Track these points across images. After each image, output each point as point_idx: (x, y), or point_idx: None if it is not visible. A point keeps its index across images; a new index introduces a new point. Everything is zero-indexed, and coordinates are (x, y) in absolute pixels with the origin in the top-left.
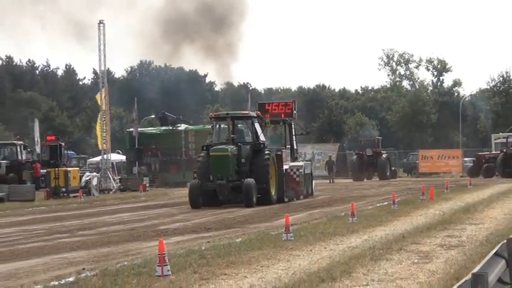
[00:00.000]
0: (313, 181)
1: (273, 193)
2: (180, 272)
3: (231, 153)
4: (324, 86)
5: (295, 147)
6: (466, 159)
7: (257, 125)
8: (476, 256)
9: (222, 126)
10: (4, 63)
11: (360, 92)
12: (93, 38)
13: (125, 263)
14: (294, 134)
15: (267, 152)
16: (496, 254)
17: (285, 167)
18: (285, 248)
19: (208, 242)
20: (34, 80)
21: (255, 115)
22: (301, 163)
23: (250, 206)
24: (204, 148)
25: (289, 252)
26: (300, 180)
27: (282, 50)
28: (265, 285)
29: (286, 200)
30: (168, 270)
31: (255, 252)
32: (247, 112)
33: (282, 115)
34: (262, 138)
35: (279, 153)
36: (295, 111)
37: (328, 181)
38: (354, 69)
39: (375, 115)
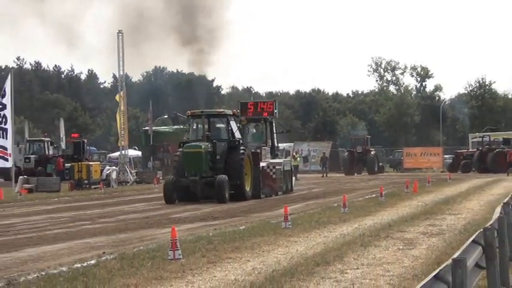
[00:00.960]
0: (293, 177)
1: (247, 189)
2: (190, 256)
3: (205, 150)
4: (319, 90)
5: (276, 144)
6: (446, 156)
7: (233, 123)
8: (455, 243)
9: (198, 124)
10: (33, 68)
11: (351, 95)
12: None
13: (141, 248)
14: (274, 132)
15: (242, 149)
16: (473, 241)
17: (262, 164)
18: (283, 235)
19: (215, 229)
20: (60, 83)
21: (231, 113)
22: (280, 160)
23: (222, 202)
24: (181, 145)
25: (288, 238)
26: (276, 177)
27: (281, 57)
28: (266, 268)
29: (262, 196)
30: (179, 254)
31: (257, 239)
32: (222, 110)
33: (264, 114)
34: (237, 135)
35: (257, 150)
36: (275, 110)
37: (321, 175)
38: (345, 75)
39: (365, 116)
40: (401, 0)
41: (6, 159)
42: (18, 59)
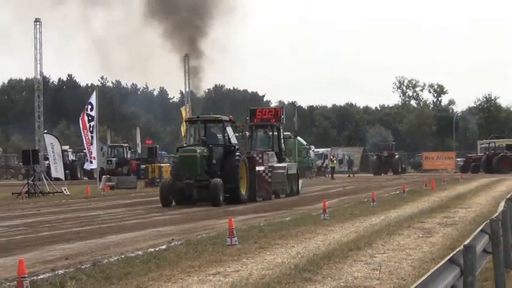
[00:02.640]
0: (300, 180)
1: (243, 193)
2: (244, 242)
3: (200, 154)
4: (351, 104)
5: (283, 149)
6: (458, 159)
7: (229, 129)
8: (466, 232)
9: (195, 129)
10: (114, 86)
11: (379, 108)
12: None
13: (203, 235)
14: (282, 137)
15: (237, 154)
16: (481, 230)
17: (259, 168)
18: (322, 225)
19: (265, 220)
20: (136, 98)
21: (227, 119)
22: (284, 164)
23: (217, 205)
24: (178, 150)
25: (326, 228)
26: (273, 180)
27: (320, 75)
28: (308, 253)
29: (259, 199)
30: (235, 241)
31: (300, 228)
32: (218, 116)
33: (272, 120)
34: (233, 141)
35: (258, 155)
36: (283, 116)
37: (347, 175)
38: (374, 91)
39: (390, 126)
40: (420, 29)
41: (91, 162)
42: (102, 78)
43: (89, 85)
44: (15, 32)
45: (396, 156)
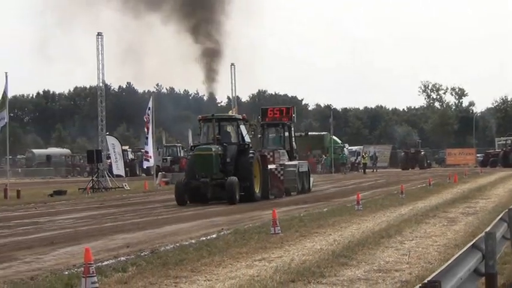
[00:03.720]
0: (311, 178)
1: (256, 191)
2: (286, 231)
3: (215, 153)
4: (381, 106)
5: (294, 147)
6: (478, 155)
7: (242, 127)
8: (486, 220)
9: (209, 127)
10: (167, 92)
11: (406, 110)
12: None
13: (250, 225)
14: (293, 136)
15: (251, 152)
16: (501, 219)
17: (271, 166)
18: (356, 215)
19: (305, 211)
20: (188, 103)
21: (240, 117)
22: (295, 162)
23: (233, 203)
24: (192, 148)
25: (359, 217)
26: (285, 178)
27: (352, 80)
28: (344, 240)
29: (271, 197)
30: (278, 230)
31: (336, 218)
32: (232, 114)
33: (283, 119)
34: (247, 139)
35: (269, 153)
36: (294, 115)
37: (372, 170)
38: (402, 94)
39: (416, 125)
40: (444, 38)
41: (148, 160)
42: (157, 85)
43: (146, 91)
44: (80, 44)
45: (422, 153)
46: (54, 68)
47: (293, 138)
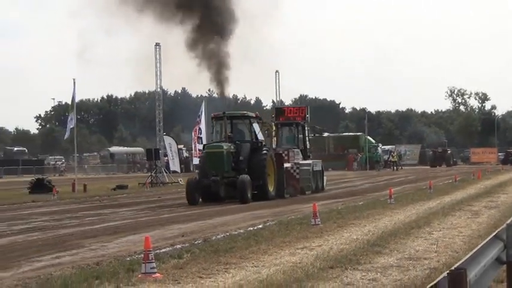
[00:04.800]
0: (324, 177)
1: (270, 189)
2: (325, 222)
3: (226, 151)
4: (411, 109)
5: (308, 146)
6: (499, 154)
7: (255, 125)
8: (507, 213)
9: (221, 125)
10: (218, 97)
11: (434, 112)
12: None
13: (292, 217)
14: (307, 135)
15: (264, 150)
16: None
17: (287, 165)
18: (389, 208)
19: (342, 204)
20: (236, 107)
21: (253, 115)
22: (309, 161)
23: (245, 202)
24: (204, 147)
25: (392, 210)
26: (301, 177)
27: (388, 85)
28: (377, 230)
29: (287, 196)
30: (318, 221)
31: (370, 211)
32: (244, 112)
33: (297, 118)
34: (260, 137)
35: (284, 152)
36: (307, 115)
37: (396, 168)
38: (430, 98)
39: (443, 127)
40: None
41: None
42: (209, 90)
43: (199, 96)
44: (141, 53)
45: (448, 152)
46: (116, 75)
47: (307, 137)
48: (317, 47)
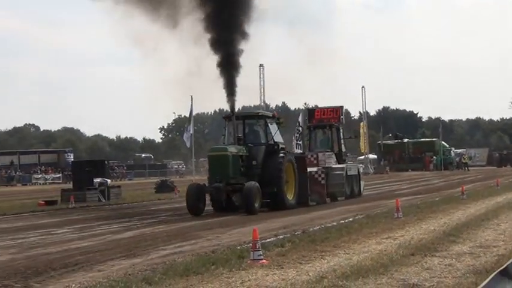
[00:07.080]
0: (362, 182)
1: (289, 197)
2: (406, 215)
3: (232, 154)
4: (479, 117)
5: (343, 149)
6: None
7: (272, 126)
8: None
9: (232, 126)
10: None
11: (499, 120)
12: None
13: (378, 211)
14: (341, 137)
15: (281, 154)
16: None
17: (311, 169)
18: (462, 203)
19: (421, 200)
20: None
21: (270, 115)
22: (343, 165)
23: (252, 213)
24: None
25: (464, 205)
26: (330, 182)
27: (459, 96)
28: (452, 222)
29: (312, 203)
30: (400, 215)
31: (445, 205)
32: (259, 111)
33: (331, 120)
34: (278, 139)
35: (304, 156)
36: (342, 117)
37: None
38: (497, 107)
39: (508, 132)
40: None
41: None
42: (305, 103)
43: (296, 108)
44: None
45: None
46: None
47: (341, 140)
48: (397, 60)
